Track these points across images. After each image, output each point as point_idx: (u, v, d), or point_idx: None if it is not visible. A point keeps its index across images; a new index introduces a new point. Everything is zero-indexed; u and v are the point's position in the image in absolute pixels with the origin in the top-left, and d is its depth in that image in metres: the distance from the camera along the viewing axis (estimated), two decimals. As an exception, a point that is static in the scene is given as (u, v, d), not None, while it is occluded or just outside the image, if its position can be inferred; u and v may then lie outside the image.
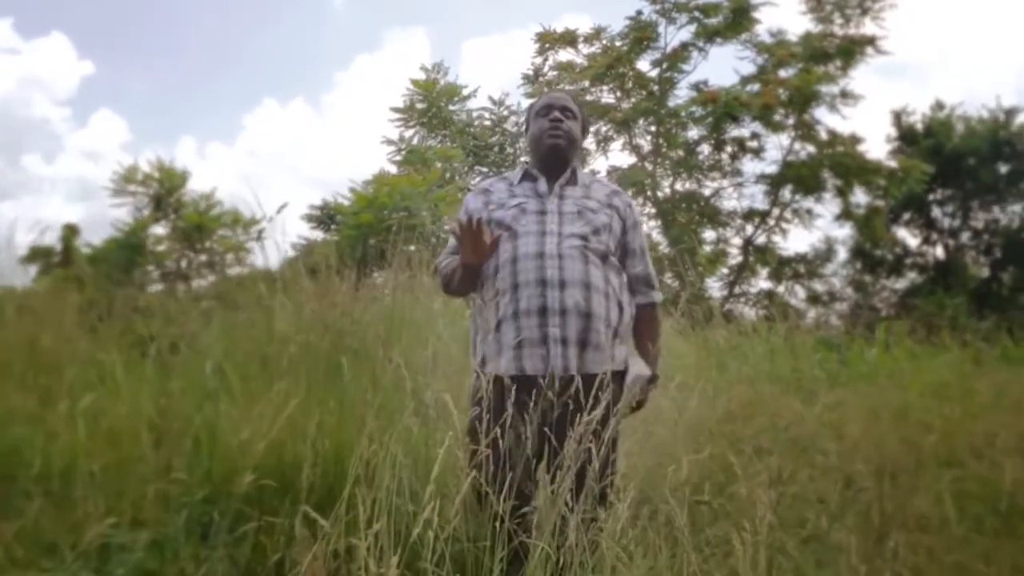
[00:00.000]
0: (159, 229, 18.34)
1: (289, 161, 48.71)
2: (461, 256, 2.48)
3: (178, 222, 17.88)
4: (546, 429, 2.23)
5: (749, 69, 14.53)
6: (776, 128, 14.49)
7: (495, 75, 37.04)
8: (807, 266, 16.59)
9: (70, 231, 21.74)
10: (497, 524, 2.03)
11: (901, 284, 20.25)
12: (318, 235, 16.03)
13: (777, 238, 15.61)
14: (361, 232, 10.85)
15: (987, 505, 2.43)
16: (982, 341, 5.62)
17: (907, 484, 2.51)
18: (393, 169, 13.78)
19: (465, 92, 14.11)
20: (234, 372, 2.98)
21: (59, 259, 20.46)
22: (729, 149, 15.05)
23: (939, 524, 2.23)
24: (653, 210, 15.05)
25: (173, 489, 2.39)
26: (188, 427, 2.71)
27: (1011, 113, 18.96)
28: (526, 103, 14.62)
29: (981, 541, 2.20)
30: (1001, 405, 3.51)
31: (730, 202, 15.36)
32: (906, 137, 19.64)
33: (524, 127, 2.84)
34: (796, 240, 30.34)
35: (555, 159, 2.62)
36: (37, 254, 20.07)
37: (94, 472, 2.50)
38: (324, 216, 15.87)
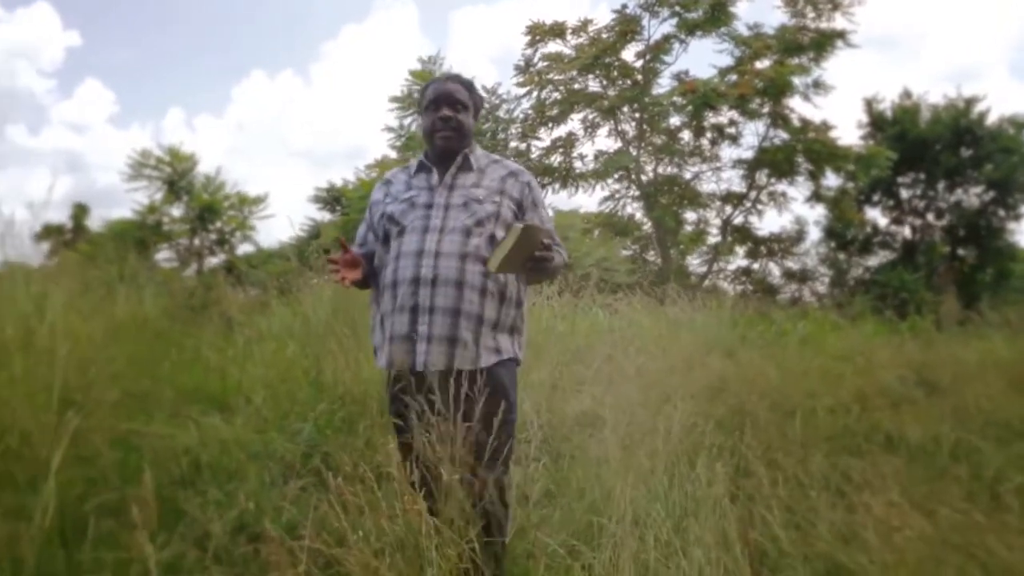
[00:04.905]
0: (173, 210, 19.31)
1: (278, 133, 48.77)
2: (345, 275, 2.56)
3: (190, 203, 18.82)
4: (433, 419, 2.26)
5: (727, 61, 15.51)
6: (752, 116, 15.49)
7: (483, 45, 37.39)
8: (781, 245, 17.65)
9: (80, 210, 22.48)
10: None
11: (873, 262, 21.32)
12: (325, 216, 16.95)
13: (753, 219, 16.72)
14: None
15: (836, 427, 3.50)
16: (895, 314, 6.67)
17: (784, 410, 3.57)
18: (393, 155, 14.73)
19: (460, 82, 15.01)
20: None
21: (70, 236, 21.24)
22: (708, 135, 16.04)
23: (793, 436, 3.26)
24: (637, 192, 16.06)
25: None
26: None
27: (971, 102, 20.01)
28: (518, 92, 15.49)
29: (821, 444, 3.25)
30: (884, 365, 4.55)
31: (709, 185, 16.40)
32: (876, 123, 20.64)
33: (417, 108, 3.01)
34: (771, 221, 31.39)
35: (447, 154, 2.65)
36: (49, 232, 20.88)
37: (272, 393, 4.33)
38: (330, 198, 16.86)
